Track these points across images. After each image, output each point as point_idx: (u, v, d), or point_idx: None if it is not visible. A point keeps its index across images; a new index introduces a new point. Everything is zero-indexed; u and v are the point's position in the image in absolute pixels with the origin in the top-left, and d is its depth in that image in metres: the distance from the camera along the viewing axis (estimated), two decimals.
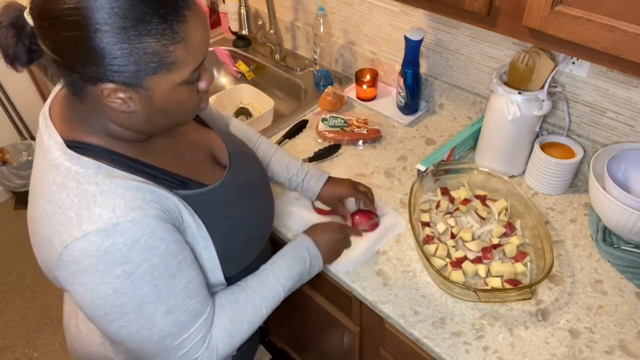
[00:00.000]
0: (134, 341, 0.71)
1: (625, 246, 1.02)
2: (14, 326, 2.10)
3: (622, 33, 0.69)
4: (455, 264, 1.02)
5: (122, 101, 0.64)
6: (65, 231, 0.64)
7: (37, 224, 0.69)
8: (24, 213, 2.83)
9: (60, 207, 0.65)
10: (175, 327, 0.72)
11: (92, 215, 0.64)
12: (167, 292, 0.70)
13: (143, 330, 0.70)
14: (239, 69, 1.78)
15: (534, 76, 1.08)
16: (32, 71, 2.40)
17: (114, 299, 0.66)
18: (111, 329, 0.70)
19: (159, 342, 0.72)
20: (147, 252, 0.66)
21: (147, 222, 0.66)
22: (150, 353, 0.73)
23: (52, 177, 0.67)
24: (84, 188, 0.66)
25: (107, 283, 0.65)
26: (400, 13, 1.38)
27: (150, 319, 0.69)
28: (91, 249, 0.63)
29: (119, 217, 0.64)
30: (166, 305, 0.70)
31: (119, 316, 0.68)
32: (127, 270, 0.65)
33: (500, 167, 1.20)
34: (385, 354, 1.14)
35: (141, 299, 0.68)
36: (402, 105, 1.42)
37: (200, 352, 0.76)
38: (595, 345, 0.89)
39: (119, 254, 0.64)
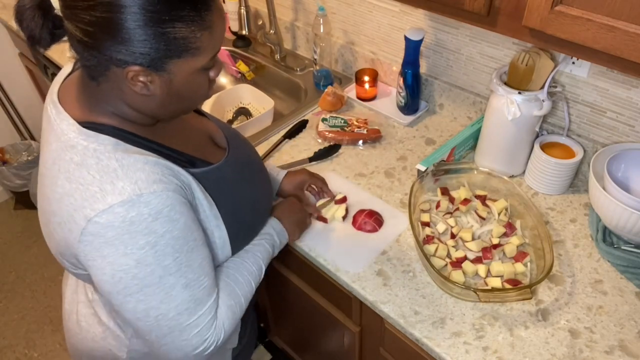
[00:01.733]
0: (149, 318, 0.72)
1: (625, 246, 1.02)
2: (14, 326, 2.10)
3: (622, 33, 0.69)
4: (455, 264, 1.02)
5: (143, 84, 0.67)
6: (88, 205, 0.65)
7: (55, 204, 0.69)
8: (24, 213, 2.85)
9: (81, 183, 0.67)
10: (192, 302, 0.73)
11: (115, 188, 0.65)
12: (187, 265, 0.71)
13: (162, 305, 0.71)
14: (239, 69, 1.78)
15: (534, 76, 1.08)
16: (32, 71, 2.40)
17: (137, 271, 0.68)
18: (129, 304, 0.70)
19: (174, 319, 0.72)
20: (169, 223, 0.68)
21: (168, 195, 0.68)
22: (164, 332, 0.73)
23: (69, 156, 0.69)
24: (104, 164, 0.67)
25: (130, 254, 0.66)
26: (400, 13, 1.38)
27: (169, 292, 0.70)
28: (117, 220, 0.65)
29: (142, 189, 0.66)
30: (185, 279, 0.71)
31: (139, 289, 0.69)
32: (151, 241, 0.67)
33: (500, 167, 1.20)
34: (385, 354, 1.14)
35: (163, 271, 0.69)
36: (402, 105, 1.42)
37: (210, 331, 0.77)
38: (595, 345, 0.89)
39: (143, 225, 0.66)
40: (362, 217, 1.11)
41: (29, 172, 2.41)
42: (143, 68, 0.64)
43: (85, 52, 0.66)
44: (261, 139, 1.40)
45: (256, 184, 0.95)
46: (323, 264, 1.06)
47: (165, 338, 0.74)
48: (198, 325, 0.75)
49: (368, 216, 1.10)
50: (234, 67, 1.80)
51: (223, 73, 1.88)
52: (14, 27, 2.25)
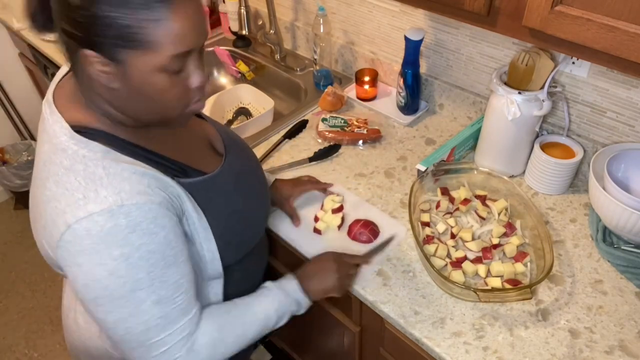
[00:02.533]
0: (118, 329, 0.72)
1: (625, 246, 1.02)
2: (14, 326, 2.10)
3: (622, 33, 0.69)
4: (455, 264, 1.02)
5: (106, 75, 0.65)
6: (70, 211, 0.65)
7: (42, 206, 0.69)
8: (24, 213, 2.84)
9: (67, 188, 0.67)
10: (161, 319, 0.72)
11: (98, 197, 0.65)
12: (160, 281, 0.70)
13: (130, 318, 0.70)
14: (239, 69, 1.78)
15: (534, 76, 1.08)
16: (32, 71, 2.40)
17: (108, 282, 0.67)
18: (99, 313, 0.71)
19: (142, 334, 0.72)
20: (146, 236, 0.67)
21: (150, 207, 0.67)
22: (132, 346, 0.73)
23: (59, 160, 0.68)
24: (91, 170, 0.67)
25: (104, 265, 0.66)
26: (400, 13, 1.38)
27: (139, 306, 0.70)
28: (94, 229, 0.65)
29: (124, 200, 0.66)
30: (156, 295, 0.70)
31: (109, 300, 0.69)
32: (126, 253, 0.66)
33: (500, 167, 1.20)
34: (385, 354, 1.14)
35: (134, 285, 0.68)
36: (402, 105, 1.42)
37: (180, 353, 0.76)
38: (595, 345, 0.89)
39: (120, 236, 0.65)
40: (358, 227, 1.09)
41: (29, 172, 2.41)
42: (96, 54, 0.63)
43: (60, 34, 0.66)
44: (261, 139, 1.40)
45: (251, 195, 0.92)
46: None
47: (134, 352, 0.74)
48: (166, 343, 0.74)
49: (364, 227, 1.09)
50: (234, 67, 1.80)
51: (223, 73, 1.88)
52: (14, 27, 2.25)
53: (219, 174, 0.84)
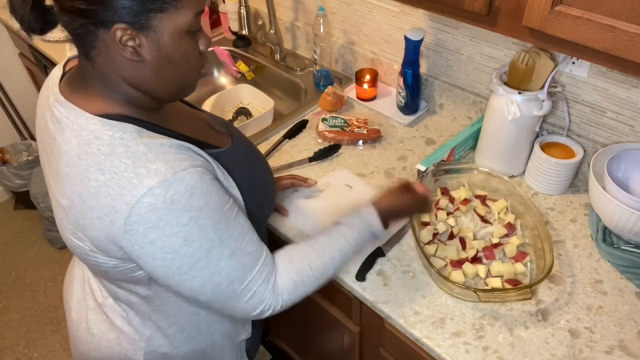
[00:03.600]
0: (207, 290, 0.74)
1: (625, 246, 1.02)
2: (14, 326, 2.10)
3: (622, 33, 0.69)
4: (455, 264, 1.02)
5: (133, 49, 0.67)
6: (127, 192, 0.66)
7: (91, 199, 0.69)
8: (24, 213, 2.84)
9: (115, 172, 0.67)
10: (239, 269, 0.75)
11: (149, 171, 0.66)
12: (227, 235, 0.73)
13: (214, 277, 0.73)
14: (239, 69, 1.78)
15: (534, 76, 1.08)
16: (32, 71, 2.41)
17: (186, 249, 0.69)
18: (185, 282, 0.73)
19: (229, 287, 0.75)
20: (205, 197, 0.69)
21: (197, 170, 0.69)
22: (223, 299, 0.77)
23: (96, 148, 0.69)
24: (133, 150, 0.68)
25: (177, 233, 0.68)
26: (400, 13, 1.38)
27: (218, 263, 0.73)
28: (158, 202, 0.66)
29: (174, 168, 0.67)
30: (229, 249, 0.73)
31: (191, 266, 0.71)
32: (193, 216, 0.68)
33: (500, 167, 1.20)
34: (385, 354, 1.14)
35: (208, 244, 0.71)
36: (402, 105, 1.42)
37: (266, 293, 0.79)
38: (595, 345, 0.89)
39: (183, 201, 0.67)
40: None
41: (29, 172, 2.41)
42: (128, 26, 0.64)
43: (73, 21, 0.66)
44: (261, 139, 1.40)
45: (261, 167, 0.97)
46: None
47: (226, 304, 0.78)
48: (250, 289, 0.77)
49: None
50: (234, 67, 1.80)
51: (223, 73, 1.88)
52: (14, 27, 2.25)
53: (232, 147, 0.87)
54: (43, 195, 2.27)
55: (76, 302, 0.96)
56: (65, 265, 2.26)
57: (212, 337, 0.95)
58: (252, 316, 0.80)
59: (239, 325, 1.01)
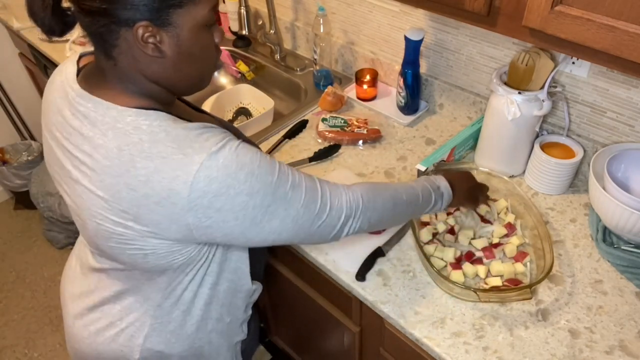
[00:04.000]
0: (288, 225, 0.77)
1: (625, 246, 1.02)
2: (14, 326, 2.10)
3: (622, 33, 0.69)
4: (455, 264, 1.02)
5: (154, 45, 0.69)
6: (181, 172, 0.68)
7: (144, 187, 0.70)
8: (24, 213, 2.84)
9: (162, 157, 0.69)
10: (307, 193, 0.78)
11: (195, 150, 0.69)
12: (281, 173, 0.76)
13: (289, 211, 0.76)
14: (239, 69, 1.78)
15: (534, 76, 1.08)
16: (32, 71, 2.40)
17: (253, 201, 0.72)
18: (264, 229, 0.75)
19: (306, 212, 0.78)
20: (250, 152, 0.73)
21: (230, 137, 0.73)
22: (307, 225, 0.79)
23: (137, 138, 0.70)
24: (174, 134, 0.70)
25: (240, 192, 0.70)
26: (400, 13, 1.38)
27: (286, 199, 0.75)
28: (212, 172, 0.69)
29: (215, 142, 0.70)
30: (288, 183, 0.76)
31: (264, 212, 0.74)
32: (248, 171, 0.71)
33: (500, 167, 1.20)
34: (385, 354, 1.14)
35: (271, 188, 0.74)
36: (402, 105, 1.42)
37: (342, 197, 0.82)
38: (595, 345, 0.89)
39: (234, 163, 0.70)
40: None
41: (29, 172, 2.41)
42: (150, 23, 0.67)
43: (94, 22, 0.68)
44: (261, 139, 1.40)
45: None
46: (323, 264, 1.06)
47: (312, 228, 0.79)
48: (326, 203, 0.80)
49: None
50: (234, 67, 1.80)
51: (223, 73, 1.88)
52: (14, 27, 2.24)
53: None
54: (43, 195, 2.27)
55: (73, 299, 0.96)
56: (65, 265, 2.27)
57: (208, 336, 0.95)
58: (339, 227, 0.82)
59: (236, 326, 1.01)
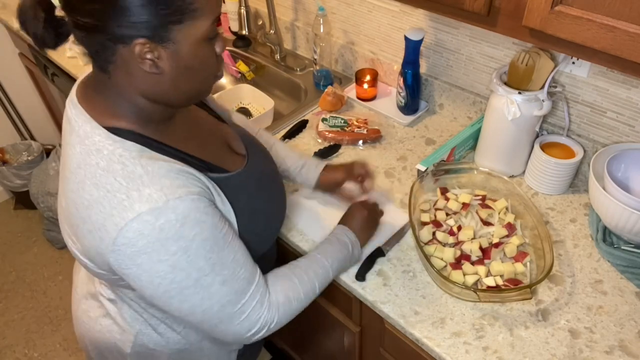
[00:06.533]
0: (196, 313, 0.75)
1: (625, 246, 1.02)
2: (14, 326, 2.10)
3: (622, 33, 0.69)
4: (455, 264, 1.02)
5: (152, 62, 0.66)
6: (117, 214, 0.66)
7: (85, 211, 0.69)
8: (24, 213, 2.84)
9: (108, 190, 0.67)
10: (232, 294, 0.75)
11: (142, 196, 0.66)
12: (220, 264, 0.72)
13: (204, 302, 0.73)
14: (239, 69, 1.78)
15: (534, 76, 1.08)
16: (32, 71, 2.40)
17: (173, 276, 0.69)
18: (173, 305, 0.73)
19: (220, 311, 0.75)
20: (197, 226, 0.69)
21: (192, 198, 0.69)
22: (214, 323, 0.77)
23: (95, 161, 0.69)
24: (129, 170, 0.68)
25: (164, 261, 0.68)
26: (400, 13, 1.38)
27: (208, 290, 0.73)
28: (146, 229, 0.65)
29: (167, 195, 0.66)
30: (221, 277, 0.73)
31: (179, 291, 0.71)
32: (183, 246, 0.68)
33: (500, 167, 1.20)
34: (385, 354, 1.14)
35: (198, 273, 0.70)
36: (402, 105, 1.42)
37: (261, 312, 0.80)
38: (595, 345, 0.89)
39: (172, 231, 0.66)
40: None
41: (29, 172, 2.41)
42: (148, 40, 0.64)
43: (90, 38, 0.66)
44: None
45: (272, 195, 0.94)
46: None
47: (218, 327, 0.78)
48: (244, 311, 0.77)
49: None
50: (234, 67, 1.80)
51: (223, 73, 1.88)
52: (14, 27, 2.24)
53: (243, 172, 0.85)
54: (43, 195, 2.27)
55: (80, 283, 0.97)
56: (65, 265, 2.27)
57: (200, 343, 0.94)
58: (246, 338, 0.80)
59: None
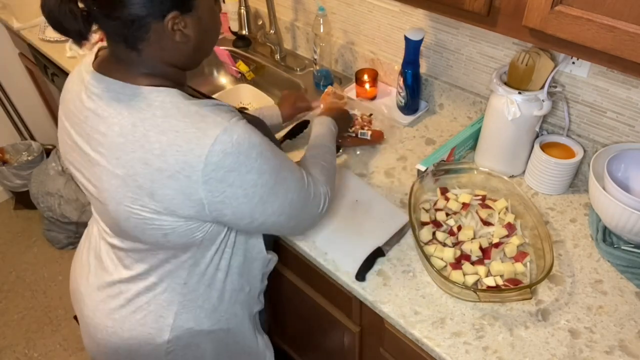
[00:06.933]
0: (285, 208, 0.84)
1: (625, 246, 1.02)
2: (14, 326, 2.10)
3: (622, 33, 0.69)
4: (455, 264, 1.02)
5: (181, 32, 0.75)
6: (196, 146, 0.72)
7: (159, 160, 0.73)
8: (24, 213, 2.83)
9: (176, 131, 0.72)
10: (300, 180, 0.87)
11: (208, 124, 0.73)
12: (282, 159, 0.83)
13: (287, 194, 0.84)
14: (239, 69, 1.78)
15: (534, 76, 1.08)
16: (32, 71, 2.40)
17: (261, 180, 0.78)
18: (268, 209, 0.82)
19: (299, 198, 0.87)
20: (258, 136, 0.78)
21: (242, 119, 0.77)
22: (298, 210, 0.88)
23: (150, 114, 0.74)
24: (185, 110, 0.74)
25: (251, 170, 0.76)
26: (400, 13, 1.38)
27: (286, 182, 0.83)
28: (227, 147, 0.73)
29: (227, 118, 0.75)
30: (288, 169, 0.84)
31: (269, 192, 0.80)
32: (259, 151, 0.77)
33: (500, 167, 1.20)
34: (385, 354, 1.14)
35: (276, 170, 0.81)
36: (402, 105, 1.42)
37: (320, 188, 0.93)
38: (595, 345, 0.89)
39: (246, 142, 0.75)
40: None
41: (29, 172, 2.41)
42: (178, 13, 0.72)
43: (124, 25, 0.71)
44: None
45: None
46: (322, 264, 1.06)
47: (301, 214, 0.89)
48: (310, 192, 0.89)
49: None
50: (234, 67, 1.80)
51: (223, 73, 1.88)
52: (14, 27, 2.24)
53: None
54: (43, 195, 2.27)
55: (92, 290, 0.95)
56: (65, 266, 2.27)
57: (233, 308, 0.98)
58: (319, 214, 0.94)
59: (255, 295, 1.05)
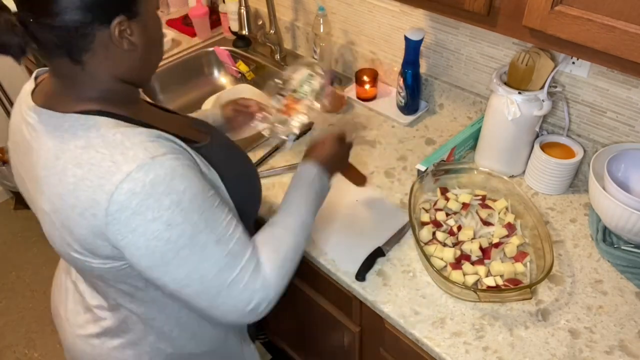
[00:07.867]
0: (193, 281, 0.71)
1: (625, 246, 1.02)
2: (14, 326, 2.10)
3: (622, 33, 0.69)
4: (455, 264, 1.02)
5: (127, 40, 0.69)
6: (106, 182, 0.65)
7: (72, 196, 0.67)
8: (24, 213, 2.83)
9: (92, 164, 0.66)
10: (228, 257, 0.72)
11: (127, 158, 0.65)
12: (213, 220, 0.71)
13: (200, 265, 0.70)
14: (239, 69, 1.78)
15: (534, 76, 1.08)
16: (32, 71, 2.40)
17: (169, 234, 0.67)
18: (170, 273, 0.70)
19: (216, 277, 0.72)
20: (186, 180, 0.68)
21: (177, 156, 0.69)
22: (212, 293, 0.73)
23: (72, 146, 0.68)
24: (110, 139, 0.67)
25: (159, 218, 0.66)
26: (400, 13, 1.38)
27: (204, 250, 0.70)
28: (137, 187, 0.64)
29: (152, 153, 0.66)
30: (215, 235, 0.71)
31: (175, 253, 0.68)
32: (175, 199, 0.66)
33: (500, 167, 1.20)
34: (385, 354, 1.14)
35: (193, 229, 0.68)
36: (402, 105, 1.42)
37: (257, 283, 0.75)
38: (595, 345, 0.89)
39: (163, 185, 0.65)
40: None
41: None
42: (124, 18, 0.67)
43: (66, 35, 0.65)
44: (262, 140, 1.40)
45: (244, 157, 0.96)
46: (323, 264, 1.06)
47: (216, 300, 0.73)
48: (242, 279, 0.73)
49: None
50: (234, 67, 1.80)
51: (223, 73, 1.88)
52: None
53: (212, 142, 0.85)
54: None
55: (68, 312, 0.93)
56: None
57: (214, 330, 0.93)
58: (247, 312, 0.75)
59: None
